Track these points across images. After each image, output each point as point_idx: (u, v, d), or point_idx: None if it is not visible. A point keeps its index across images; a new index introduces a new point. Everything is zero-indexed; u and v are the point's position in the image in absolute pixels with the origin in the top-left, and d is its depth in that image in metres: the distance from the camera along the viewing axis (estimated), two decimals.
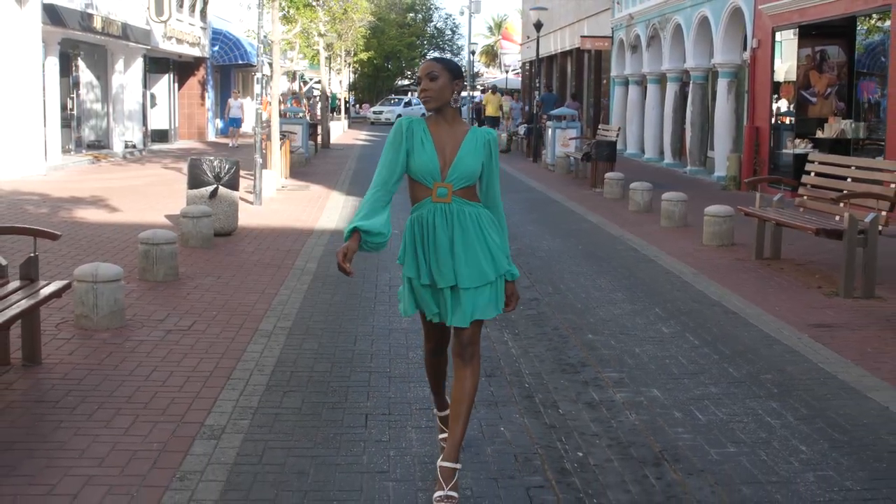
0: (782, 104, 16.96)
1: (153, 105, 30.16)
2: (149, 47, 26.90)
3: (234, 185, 11.30)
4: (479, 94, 46.92)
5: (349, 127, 47.41)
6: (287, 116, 24.23)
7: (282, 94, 28.68)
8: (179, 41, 29.61)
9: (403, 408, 5.00)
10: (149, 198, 14.69)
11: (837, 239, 8.15)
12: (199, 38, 32.07)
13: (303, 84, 43.54)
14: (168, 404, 4.99)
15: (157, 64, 30.21)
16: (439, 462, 3.86)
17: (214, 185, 11.09)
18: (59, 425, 4.64)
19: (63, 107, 22.72)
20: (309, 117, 29.27)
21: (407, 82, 66.46)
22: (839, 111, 15.12)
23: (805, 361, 5.96)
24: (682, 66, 21.44)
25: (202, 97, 33.65)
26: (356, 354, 6.07)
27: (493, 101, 33.20)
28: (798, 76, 16.16)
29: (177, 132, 32.10)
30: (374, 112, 53.51)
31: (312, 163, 23.34)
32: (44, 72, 19.76)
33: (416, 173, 3.84)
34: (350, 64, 47.95)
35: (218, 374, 5.54)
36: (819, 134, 15.17)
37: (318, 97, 37.47)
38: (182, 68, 32.65)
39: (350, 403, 5.08)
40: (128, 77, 26.07)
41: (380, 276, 8.56)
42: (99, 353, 5.90)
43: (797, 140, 15.75)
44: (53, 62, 20.87)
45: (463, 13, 67.05)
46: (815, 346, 6.33)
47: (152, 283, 8.08)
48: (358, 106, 62.96)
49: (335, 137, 34.85)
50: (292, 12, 24.04)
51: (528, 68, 42.29)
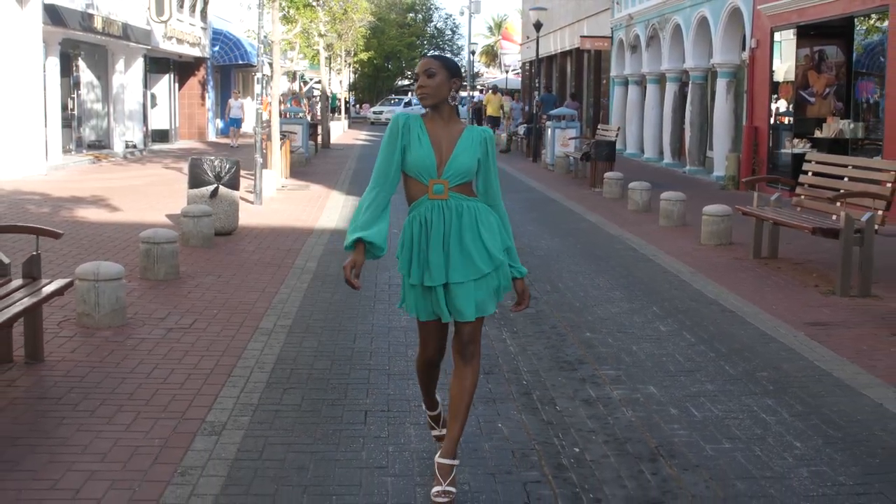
0: (781, 104, 17.01)
1: (153, 105, 30.22)
2: (149, 47, 26.96)
3: (234, 184, 11.36)
4: (479, 94, 46.91)
5: (349, 127, 47.48)
6: (287, 116, 24.28)
7: (282, 95, 28.73)
8: (180, 41, 29.67)
9: (402, 404, 5.05)
10: (149, 197, 14.74)
11: (834, 238, 8.20)
12: (200, 38, 32.13)
13: (303, 84, 43.59)
14: (169, 401, 5.04)
15: (157, 64, 30.28)
16: (437, 458, 3.91)
17: (215, 185, 11.14)
18: (62, 422, 4.69)
19: (64, 107, 22.78)
20: (310, 117, 29.32)
21: (407, 82, 66.50)
22: (837, 111, 15.17)
23: (801, 359, 6.01)
24: (682, 66, 21.50)
25: (202, 97, 33.71)
26: (355, 352, 6.13)
27: (494, 101, 33.25)
28: (797, 76, 16.21)
29: (177, 132, 32.16)
30: (375, 112, 53.59)
31: (312, 163, 23.40)
32: (45, 72, 19.82)
33: (412, 169, 3.83)
34: (350, 64, 48.01)
35: (219, 372, 5.59)
36: (817, 134, 15.22)
37: (319, 97, 37.53)
38: (182, 68, 32.70)
39: (349, 400, 5.13)
40: (128, 77, 26.13)
41: (379, 276, 8.61)
42: (101, 351, 5.95)
43: (796, 140, 15.80)
44: (54, 62, 20.94)
45: (463, 13, 67.25)
46: (811, 343, 6.38)
47: (153, 281, 8.13)
48: (358, 106, 63.04)
49: (335, 137, 34.91)
50: (292, 12, 24.10)
51: (528, 68, 42.34)
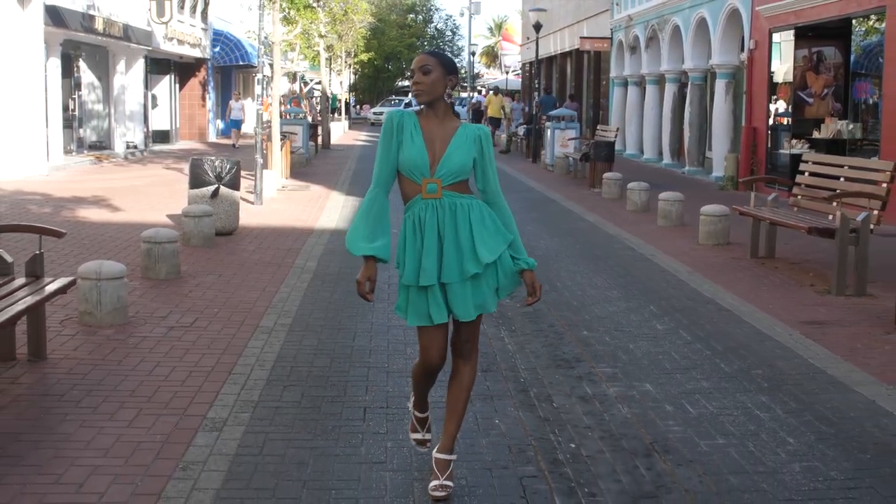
0: (780, 105, 17.08)
1: (154, 106, 30.30)
2: (150, 48, 27.03)
3: (235, 185, 11.42)
4: (477, 95, 46.90)
5: (350, 128, 47.53)
6: (287, 117, 24.34)
7: (282, 96, 28.79)
8: (180, 42, 29.74)
9: (401, 401, 5.10)
10: (150, 198, 14.81)
11: (830, 237, 8.26)
12: (200, 39, 32.21)
13: (303, 85, 43.66)
14: (171, 398, 5.10)
15: (158, 65, 30.36)
16: (434, 453, 3.96)
17: (216, 185, 11.21)
18: (65, 418, 4.75)
19: (65, 107, 22.87)
20: (310, 118, 29.38)
21: (407, 83, 66.51)
22: (835, 112, 15.23)
23: (795, 357, 6.08)
24: (681, 66, 21.56)
25: (203, 98, 33.78)
26: (355, 350, 6.19)
27: (496, 102, 33.27)
28: (795, 77, 16.27)
29: (178, 133, 32.24)
30: (375, 113, 53.64)
31: (313, 163, 23.46)
32: (46, 73, 19.89)
33: (405, 167, 3.79)
34: (350, 65, 48.09)
35: (219, 370, 5.66)
36: (816, 134, 15.29)
37: (319, 98, 37.59)
38: (183, 69, 32.78)
39: (349, 397, 5.20)
40: (129, 78, 26.20)
41: (378, 275, 8.65)
42: (103, 349, 6.02)
43: (794, 140, 15.86)
44: (55, 63, 21.02)
45: (463, 14, 67.12)
46: (806, 342, 6.45)
47: (154, 281, 8.20)
48: (358, 107, 63.12)
49: (335, 138, 34.98)
50: (293, 13, 24.15)
51: (528, 69, 42.40)
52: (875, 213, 8.12)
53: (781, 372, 5.75)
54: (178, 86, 32.38)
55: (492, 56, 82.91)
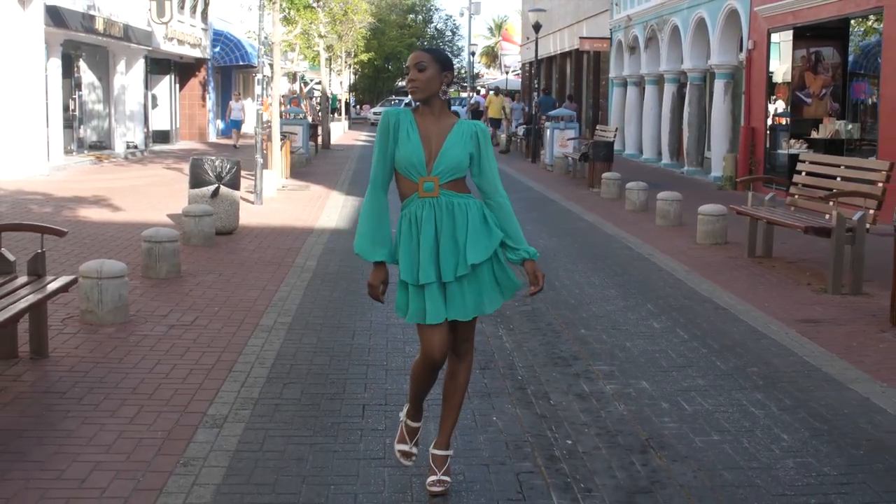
0: (778, 105, 17.13)
1: (154, 106, 30.35)
2: (150, 48, 27.08)
3: (235, 184, 11.47)
4: (476, 95, 46.89)
5: (349, 128, 47.59)
6: (287, 117, 24.38)
7: (282, 96, 28.84)
8: (181, 42, 29.79)
9: (400, 398, 5.15)
10: (150, 197, 14.86)
11: (826, 237, 8.31)
12: (201, 39, 32.26)
13: (303, 85, 43.70)
14: (172, 395, 5.15)
15: (158, 65, 30.41)
16: (431, 449, 4.00)
17: (216, 185, 11.26)
18: (67, 415, 4.80)
19: (65, 108, 22.93)
20: (310, 118, 29.43)
21: None
22: (833, 112, 15.28)
23: (791, 355, 6.13)
24: (680, 67, 21.61)
25: (203, 98, 33.83)
26: (354, 348, 6.24)
27: (496, 102, 33.28)
28: (793, 77, 16.32)
29: (178, 133, 32.28)
30: (375, 113, 53.64)
31: (313, 163, 23.52)
32: (46, 73, 19.94)
33: (402, 166, 3.78)
34: (350, 65, 48.12)
35: (220, 367, 5.71)
36: (814, 134, 15.33)
37: (319, 98, 37.65)
38: (183, 69, 32.82)
39: (348, 395, 5.25)
40: (129, 78, 26.25)
41: None
42: (104, 347, 6.07)
43: (792, 140, 15.91)
44: (56, 63, 21.07)
45: (463, 14, 67.16)
46: (802, 340, 6.50)
47: (155, 279, 8.25)
48: (358, 107, 63.17)
49: (335, 138, 35.03)
50: (293, 14, 24.20)
51: (528, 69, 42.45)
52: (871, 212, 8.17)
53: (777, 369, 5.80)
54: (178, 86, 32.43)
55: (492, 56, 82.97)
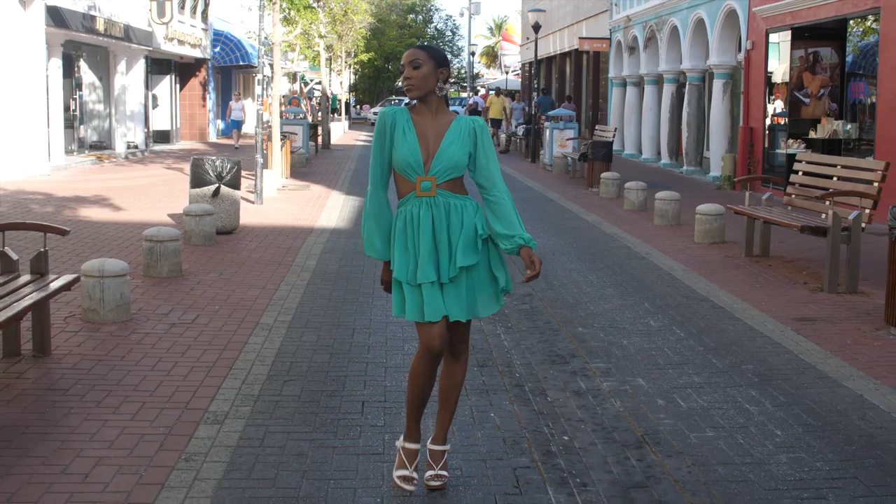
0: (776, 105, 17.18)
1: (155, 106, 30.41)
2: (151, 49, 27.15)
3: (235, 184, 11.53)
4: (475, 96, 46.90)
5: (350, 128, 47.65)
6: (287, 117, 24.43)
7: (283, 96, 28.88)
8: (181, 43, 29.85)
9: (398, 395, 5.21)
10: (151, 197, 14.92)
11: (822, 236, 8.37)
12: (201, 39, 32.32)
13: (304, 85, 43.76)
14: (173, 392, 5.21)
15: (158, 65, 30.47)
16: (429, 444, 4.06)
17: (216, 185, 11.32)
18: (70, 411, 4.86)
19: (66, 108, 22.99)
20: (310, 118, 29.48)
21: None
22: (831, 112, 15.34)
23: (786, 353, 6.19)
24: (679, 67, 21.67)
25: (203, 98, 33.89)
26: (354, 346, 6.30)
27: (497, 103, 33.31)
28: (791, 77, 16.38)
29: (178, 133, 32.34)
30: (375, 113, 53.72)
31: (313, 163, 23.58)
32: (47, 73, 20.00)
33: (398, 166, 3.79)
34: (350, 65, 48.22)
35: (221, 365, 5.77)
36: (812, 134, 15.38)
37: (319, 98, 37.71)
38: (183, 69, 32.89)
39: (347, 391, 5.31)
40: (130, 78, 26.31)
41: (377, 273, 8.78)
42: (106, 345, 6.13)
43: (790, 140, 15.97)
44: (57, 63, 21.14)
45: (463, 14, 67.21)
46: (797, 338, 6.56)
47: (156, 279, 8.31)
48: (358, 107, 63.25)
49: (335, 138, 35.09)
50: (293, 14, 24.26)
51: (527, 69, 42.49)
52: (867, 211, 8.22)
53: (772, 367, 5.86)
54: (178, 86, 32.49)
55: (492, 56, 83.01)
